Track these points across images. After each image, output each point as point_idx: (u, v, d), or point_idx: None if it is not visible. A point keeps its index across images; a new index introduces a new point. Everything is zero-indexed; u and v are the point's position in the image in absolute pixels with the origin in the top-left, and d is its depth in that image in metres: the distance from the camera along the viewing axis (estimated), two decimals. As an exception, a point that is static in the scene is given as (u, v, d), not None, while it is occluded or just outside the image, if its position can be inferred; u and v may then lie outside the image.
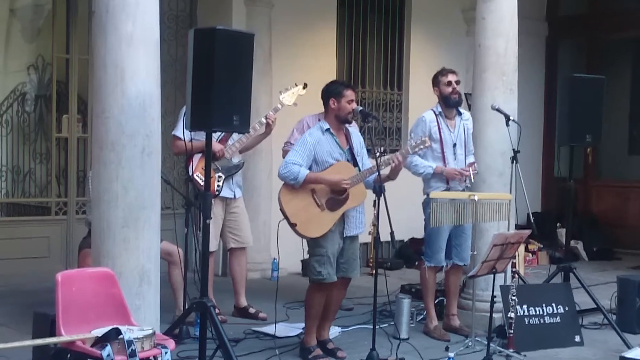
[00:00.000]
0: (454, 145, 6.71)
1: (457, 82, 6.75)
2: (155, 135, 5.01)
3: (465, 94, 9.32)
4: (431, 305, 6.84)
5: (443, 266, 6.81)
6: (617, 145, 11.85)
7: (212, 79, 4.70)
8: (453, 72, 6.78)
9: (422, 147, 6.14)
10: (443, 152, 6.69)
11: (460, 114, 6.82)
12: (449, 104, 6.74)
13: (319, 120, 7.41)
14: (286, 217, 5.75)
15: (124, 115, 4.86)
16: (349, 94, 5.99)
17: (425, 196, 6.74)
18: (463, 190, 6.63)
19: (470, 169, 6.62)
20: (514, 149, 6.72)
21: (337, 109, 5.97)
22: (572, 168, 7.43)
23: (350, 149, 6.02)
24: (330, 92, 6.03)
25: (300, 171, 5.73)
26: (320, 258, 5.81)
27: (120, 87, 4.85)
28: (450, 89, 6.70)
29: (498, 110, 6.73)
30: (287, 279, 8.69)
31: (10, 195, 9.68)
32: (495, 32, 6.97)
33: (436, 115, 6.75)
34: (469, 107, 7.66)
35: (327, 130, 5.93)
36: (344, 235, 5.93)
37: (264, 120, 6.88)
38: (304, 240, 5.99)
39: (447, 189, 6.62)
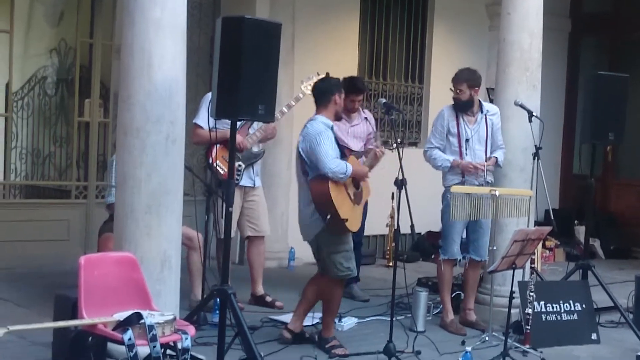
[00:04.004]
0: (467, 140, 6.70)
1: (461, 91, 6.65)
2: (180, 122, 5.04)
3: (487, 88, 9.31)
4: (447, 299, 6.85)
5: (458, 259, 6.82)
6: (637, 144, 11.77)
7: (239, 68, 4.69)
8: (463, 80, 6.65)
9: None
10: (460, 146, 6.71)
11: (482, 109, 6.79)
12: (454, 106, 6.78)
13: None
14: (337, 213, 5.70)
15: (149, 101, 4.88)
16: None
17: (445, 188, 6.77)
18: (481, 184, 6.63)
19: (486, 164, 6.61)
20: (536, 145, 6.71)
21: (340, 105, 5.99)
22: (594, 166, 7.40)
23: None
24: (336, 87, 6.01)
25: (347, 164, 5.75)
26: (346, 253, 5.85)
27: (146, 73, 4.88)
28: (454, 95, 6.73)
29: (521, 106, 6.73)
30: (304, 269, 8.69)
31: (29, 177, 9.74)
32: (520, 27, 6.95)
33: (455, 109, 6.76)
34: (491, 102, 7.64)
35: (331, 127, 5.93)
36: None
37: (285, 109, 6.92)
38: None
39: (462, 182, 6.64)
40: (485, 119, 6.75)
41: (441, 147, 6.74)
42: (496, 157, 6.73)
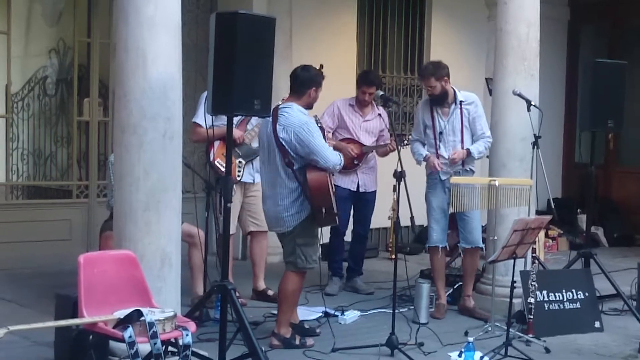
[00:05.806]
0: (440, 133, 6.75)
1: (432, 87, 6.68)
2: (177, 119, 5.04)
3: (486, 78, 9.29)
4: (439, 285, 6.94)
5: (442, 247, 6.89)
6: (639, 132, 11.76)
7: (234, 63, 4.68)
8: (429, 75, 6.69)
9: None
10: (435, 138, 6.79)
11: (456, 100, 6.74)
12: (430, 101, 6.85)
13: (350, 104, 7.44)
14: (332, 207, 5.70)
15: (145, 98, 4.88)
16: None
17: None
18: (457, 173, 6.69)
19: (451, 158, 6.66)
20: (535, 135, 6.70)
21: (314, 98, 5.92)
22: (594, 154, 7.38)
23: None
24: (315, 82, 5.91)
25: (339, 153, 5.83)
26: (317, 247, 5.90)
27: (141, 71, 4.88)
28: (428, 92, 6.81)
29: (519, 95, 6.71)
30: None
31: (31, 178, 9.75)
32: (517, 17, 6.92)
33: (431, 104, 6.83)
34: (490, 92, 7.63)
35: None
36: None
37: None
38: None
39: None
40: (461, 109, 6.75)
41: (421, 140, 6.90)
42: (468, 149, 6.71)
